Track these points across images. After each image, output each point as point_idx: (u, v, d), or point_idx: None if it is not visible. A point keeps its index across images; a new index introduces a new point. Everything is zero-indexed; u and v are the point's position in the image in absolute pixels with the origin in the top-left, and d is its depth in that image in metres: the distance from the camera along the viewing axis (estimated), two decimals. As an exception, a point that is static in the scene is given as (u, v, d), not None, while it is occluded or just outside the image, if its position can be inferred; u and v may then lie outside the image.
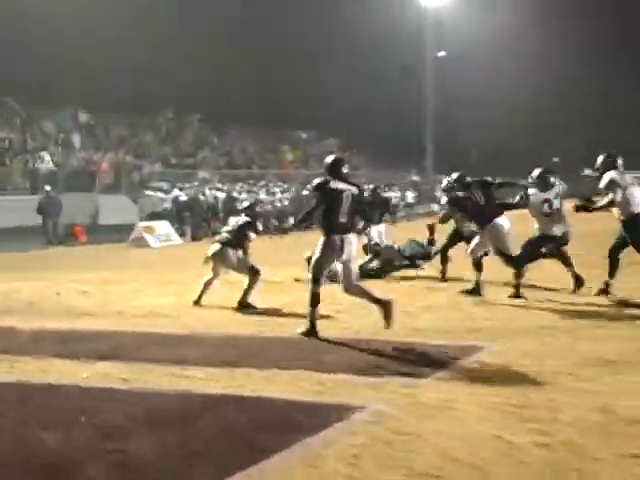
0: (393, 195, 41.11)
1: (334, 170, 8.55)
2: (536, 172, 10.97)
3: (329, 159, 8.77)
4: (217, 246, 10.78)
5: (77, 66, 38.33)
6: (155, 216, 27.71)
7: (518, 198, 10.93)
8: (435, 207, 42.68)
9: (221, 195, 30.32)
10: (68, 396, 6.19)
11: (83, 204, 29.92)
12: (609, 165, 10.18)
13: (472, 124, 55.07)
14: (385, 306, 8.22)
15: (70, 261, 19.55)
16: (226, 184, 34.12)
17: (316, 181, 8.58)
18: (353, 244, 8.44)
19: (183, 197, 28.72)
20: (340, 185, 8.45)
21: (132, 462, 4.69)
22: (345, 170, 8.61)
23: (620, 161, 10.20)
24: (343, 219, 8.38)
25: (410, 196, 43.09)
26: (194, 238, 26.65)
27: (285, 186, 34.78)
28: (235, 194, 30.84)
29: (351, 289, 8.47)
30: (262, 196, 31.81)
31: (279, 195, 32.34)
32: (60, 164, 34.44)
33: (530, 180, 11.08)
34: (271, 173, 43.46)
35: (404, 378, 6.47)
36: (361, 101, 50.66)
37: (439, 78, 51.94)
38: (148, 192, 31.01)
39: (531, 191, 10.90)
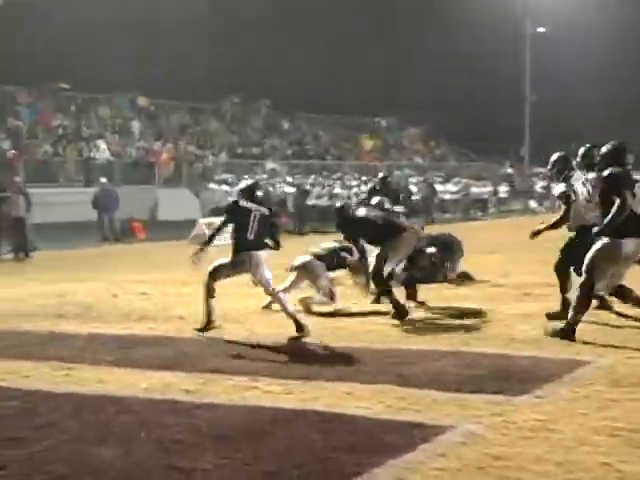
0: (484, 190, 40.74)
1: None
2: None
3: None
4: (306, 258, 10.89)
5: (135, 49, 38.99)
6: (218, 211, 28.02)
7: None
8: (532, 204, 42.14)
9: (290, 190, 30.48)
10: (127, 408, 6.31)
11: (141, 198, 30.37)
12: None
13: (576, 107, 54.00)
14: (298, 327, 8.95)
15: (128, 260, 19.90)
16: (296, 176, 34.25)
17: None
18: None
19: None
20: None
21: (197, 481, 4.76)
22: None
23: None
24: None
25: (502, 191, 42.63)
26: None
27: (363, 178, 34.71)
28: (308, 187, 30.97)
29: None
30: (337, 190, 31.86)
31: (356, 189, 32.34)
32: (117, 154, 35.07)
33: None
34: (347, 164, 43.50)
35: (496, 395, 6.41)
36: (446, 84, 50.19)
37: (538, 56, 51.25)
38: (211, 185, 31.35)
39: None
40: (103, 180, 27.27)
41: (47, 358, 8.17)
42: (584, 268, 8.52)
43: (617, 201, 8.19)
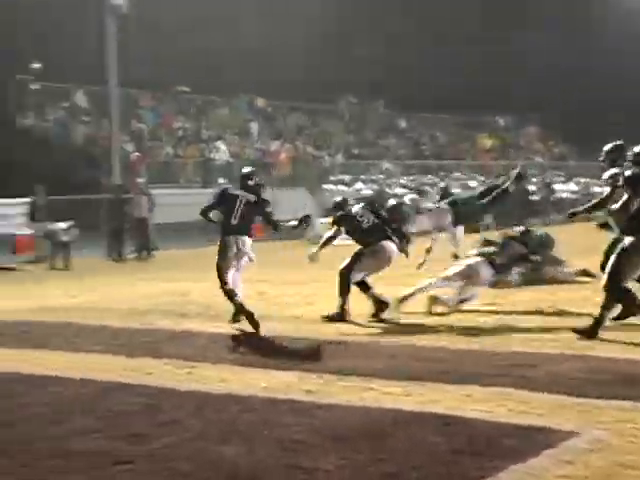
0: (606, 190, 39.52)
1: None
2: None
3: None
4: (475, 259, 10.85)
5: (252, 51, 39.47)
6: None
7: None
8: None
9: (403, 191, 30.34)
10: (248, 407, 6.39)
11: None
12: None
13: None
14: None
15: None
16: (412, 177, 34.07)
17: None
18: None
19: (366, 191, 28.97)
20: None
21: (318, 481, 4.77)
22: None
23: None
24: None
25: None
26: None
27: (482, 178, 34.28)
28: (426, 188, 30.76)
29: None
30: (456, 190, 31.56)
31: (475, 190, 31.97)
32: (236, 155, 35.61)
33: None
34: (464, 164, 43.07)
35: (623, 402, 6.23)
36: (564, 83, 49.01)
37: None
38: (329, 186, 31.50)
39: None
40: (222, 181, 27.69)
41: (170, 356, 8.35)
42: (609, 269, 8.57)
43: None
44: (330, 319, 10.07)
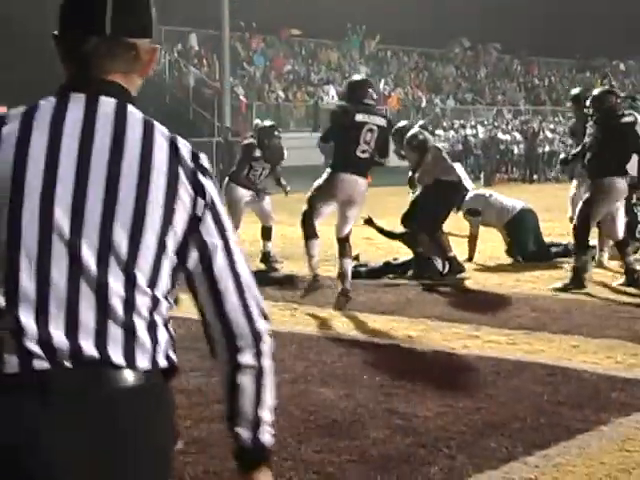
0: None
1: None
2: None
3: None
4: None
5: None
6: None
7: None
8: None
9: (517, 136, 29.82)
10: (350, 350, 6.40)
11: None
12: None
13: None
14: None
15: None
16: (530, 122, 33.35)
17: None
18: None
19: (475, 137, 28.54)
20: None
21: (417, 427, 4.75)
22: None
23: None
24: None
25: None
26: (488, 183, 26.45)
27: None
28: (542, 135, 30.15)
29: None
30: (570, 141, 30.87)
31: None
32: (345, 99, 35.50)
33: None
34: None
35: None
36: None
37: None
38: (439, 131, 31.14)
39: None
40: (331, 125, 27.65)
41: (274, 298, 8.40)
42: None
43: None
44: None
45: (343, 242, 8.18)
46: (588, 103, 8.87)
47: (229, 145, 22.56)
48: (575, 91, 11.31)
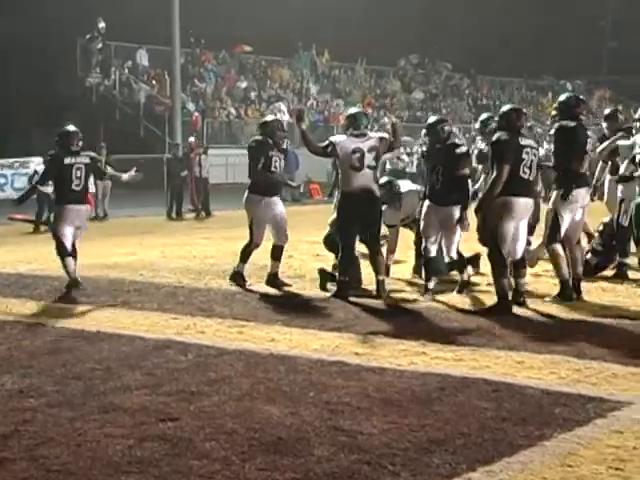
0: None
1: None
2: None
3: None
4: None
5: (310, 11, 39.29)
6: (396, 173, 27.90)
7: None
8: None
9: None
10: (296, 367, 6.38)
11: (319, 160, 30.62)
12: None
13: None
14: None
15: (304, 221, 20.13)
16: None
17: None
18: None
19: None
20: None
21: (361, 444, 4.74)
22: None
23: None
24: None
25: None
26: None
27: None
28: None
29: None
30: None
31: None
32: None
33: None
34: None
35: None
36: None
37: None
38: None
39: None
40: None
41: (222, 315, 8.38)
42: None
43: None
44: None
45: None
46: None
47: (178, 161, 22.41)
48: (607, 111, 11.91)
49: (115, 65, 34.55)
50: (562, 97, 9.38)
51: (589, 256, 10.25)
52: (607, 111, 11.94)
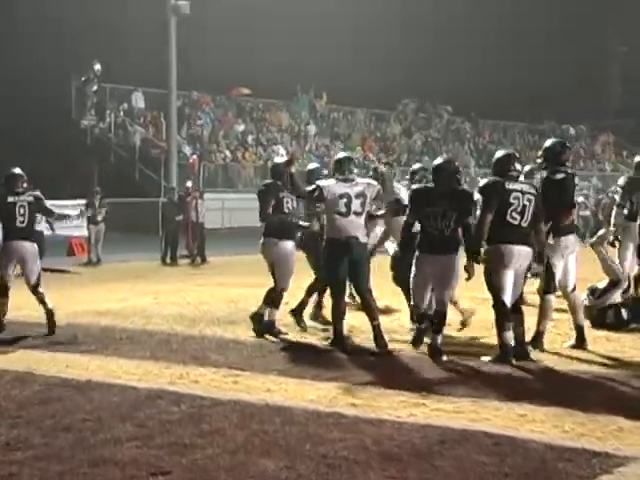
0: None
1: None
2: None
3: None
4: None
5: (315, 53, 39.64)
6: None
7: None
8: None
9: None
10: (293, 419, 6.34)
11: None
12: None
13: None
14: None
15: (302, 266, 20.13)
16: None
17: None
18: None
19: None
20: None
21: (359, 500, 4.70)
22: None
23: None
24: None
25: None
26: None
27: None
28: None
29: None
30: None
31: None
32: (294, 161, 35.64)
33: None
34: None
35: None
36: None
37: None
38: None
39: None
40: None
41: (216, 364, 8.35)
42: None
43: None
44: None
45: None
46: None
47: (174, 206, 22.42)
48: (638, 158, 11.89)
49: (110, 107, 34.75)
50: (547, 143, 9.37)
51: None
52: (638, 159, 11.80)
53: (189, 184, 23.01)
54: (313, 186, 9.37)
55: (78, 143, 33.55)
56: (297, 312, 10.55)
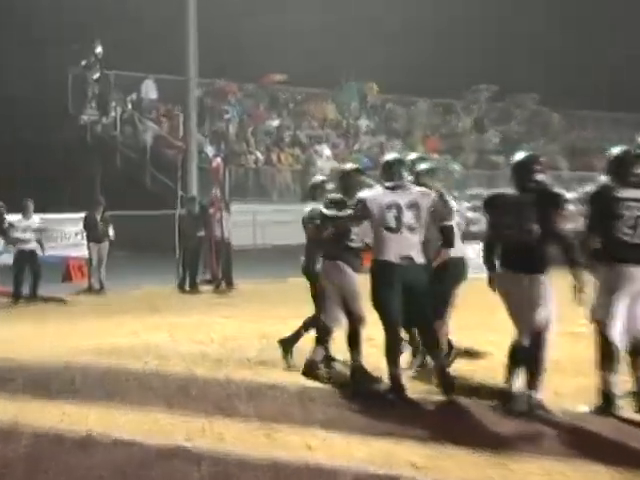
0: None
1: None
2: None
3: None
4: None
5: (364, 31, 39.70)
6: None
7: None
8: None
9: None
10: (338, 483, 6.36)
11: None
12: None
13: None
14: None
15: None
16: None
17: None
18: None
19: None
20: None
21: None
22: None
23: None
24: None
25: None
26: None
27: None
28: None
29: None
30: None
31: None
32: (343, 161, 35.45)
33: None
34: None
35: None
36: None
37: None
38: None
39: None
40: (332, 196, 27.58)
41: (245, 415, 8.38)
42: None
43: None
44: None
45: None
46: None
47: (194, 219, 22.41)
48: None
49: (115, 99, 34.93)
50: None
51: None
52: None
53: (214, 193, 23.03)
54: (355, 201, 9.36)
55: (76, 143, 33.68)
56: (288, 344, 10.82)
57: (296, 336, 10.98)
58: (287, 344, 10.92)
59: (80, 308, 18.42)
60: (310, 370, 10.13)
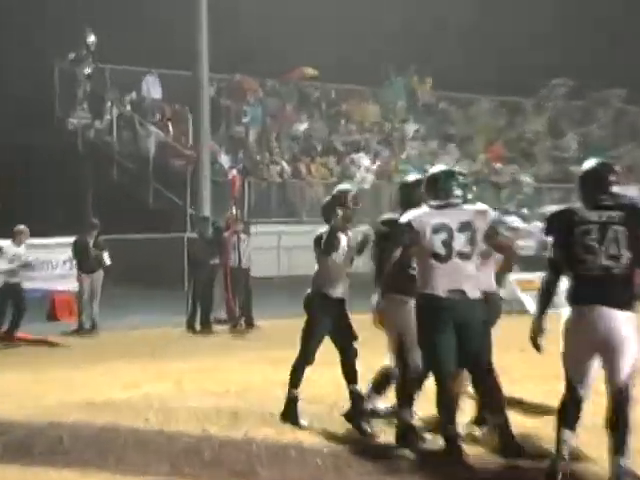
0: None
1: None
2: None
3: None
4: None
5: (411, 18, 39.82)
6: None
7: None
8: None
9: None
10: None
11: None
12: None
13: None
14: None
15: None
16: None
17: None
18: None
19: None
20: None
21: None
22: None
23: None
24: None
25: None
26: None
27: None
28: None
29: None
30: None
31: None
32: (384, 174, 35.33)
33: None
34: None
35: None
36: None
37: None
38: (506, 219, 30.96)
39: None
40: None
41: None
42: None
43: None
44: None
45: None
46: None
47: (207, 244, 22.46)
48: None
49: (111, 99, 34.98)
50: None
51: None
52: None
53: (230, 212, 23.07)
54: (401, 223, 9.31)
55: (64, 152, 33.65)
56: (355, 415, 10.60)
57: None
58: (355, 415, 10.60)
59: (68, 352, 18.52)
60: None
